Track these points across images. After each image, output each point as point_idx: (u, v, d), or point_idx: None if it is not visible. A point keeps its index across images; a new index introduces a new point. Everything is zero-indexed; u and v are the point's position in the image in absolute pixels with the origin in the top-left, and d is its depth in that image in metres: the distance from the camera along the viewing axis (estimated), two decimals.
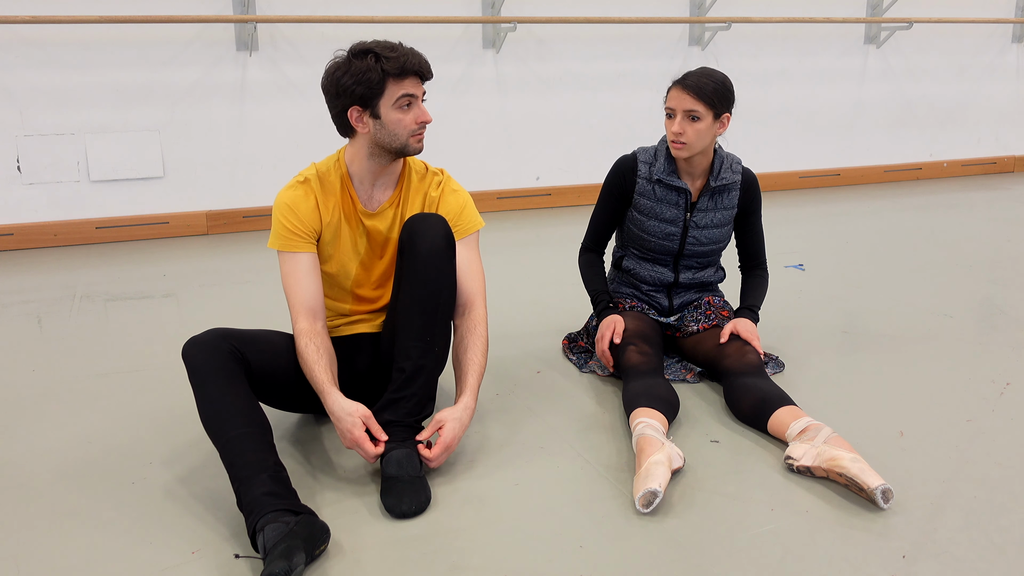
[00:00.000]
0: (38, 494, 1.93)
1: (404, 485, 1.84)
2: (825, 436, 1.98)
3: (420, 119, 2.01)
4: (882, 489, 1.80)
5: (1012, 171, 6.87)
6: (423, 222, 2.02)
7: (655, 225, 2.52)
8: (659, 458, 1.88)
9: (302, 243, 2.07)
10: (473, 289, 2.15)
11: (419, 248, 1.98)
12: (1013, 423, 2.24)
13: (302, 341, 2.01)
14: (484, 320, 2.14)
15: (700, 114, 2.34)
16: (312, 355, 1.99)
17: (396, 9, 4.86)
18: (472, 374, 2.06)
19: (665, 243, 2.53)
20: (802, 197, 5.78)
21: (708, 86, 2.33)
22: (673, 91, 2.38)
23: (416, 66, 1.98)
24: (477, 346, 2.09)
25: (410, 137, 2.02)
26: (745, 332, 2.40)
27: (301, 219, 2.06)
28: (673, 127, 2.37)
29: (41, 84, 4.32)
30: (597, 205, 2.62)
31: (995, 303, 3.28)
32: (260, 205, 4.84)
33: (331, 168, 2.11)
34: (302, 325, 2.03)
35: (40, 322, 3.18)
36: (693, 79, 2.35)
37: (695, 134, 2.36)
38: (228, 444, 1.75)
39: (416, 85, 2.01)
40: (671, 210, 2.50)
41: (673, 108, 2.37)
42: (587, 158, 5.51)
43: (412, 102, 2.01)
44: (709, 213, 2.51)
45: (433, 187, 2.17)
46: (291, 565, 1.54)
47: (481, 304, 2.15)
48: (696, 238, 2.53)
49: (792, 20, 5.59)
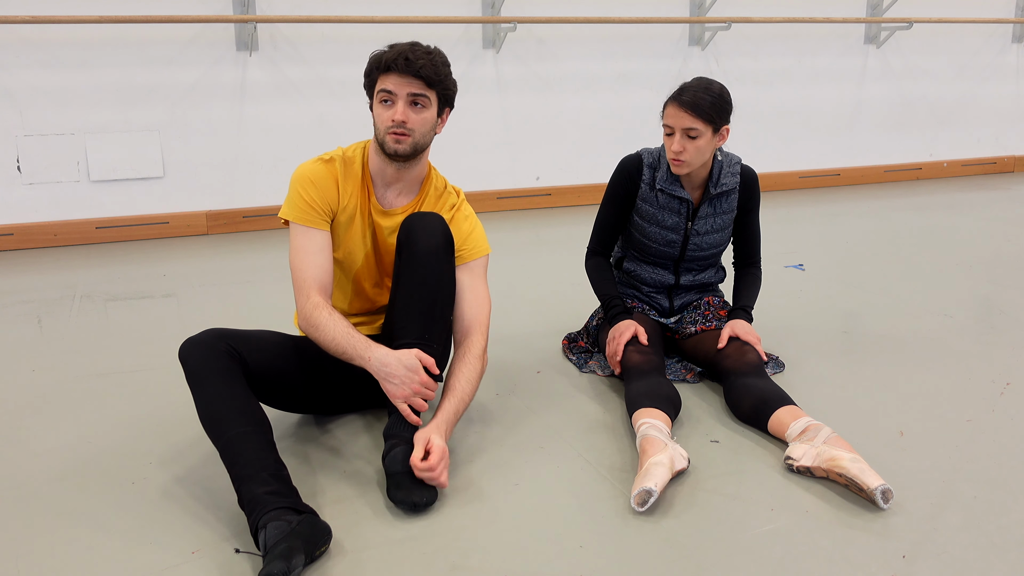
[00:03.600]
0: (38, 494, 1.92)
1: (412, 479, 1.84)
2: (825, 436, 1.98)
3: (393, 117, 1.97)
4: (882, 489, 1.80)
5: (1012, 171, 6.87)
6: (421, 220, 2.02)
7: (656, 232, 2.51)
8: (660, 459, 1.88)
9: (318, 219, 2.04)
10: (472, 316, 2.09)
11: (417, 246, 1.98)
12: (1013, 423, 2.24)
13: (318, 312, 1.94)
14: (479, 350, 2.06)
15: (699, 131, 2.29)
16: (331, 322, 1.92)
17: (396, 9, 4.86)
18: (451, 400, 1.97)
19: (666, 249, 2.53)
20: (802, 197, 5.78)
21: (705, 102, 2.28)
22: (670, 108, 2.32)
23: (394, 62, 1.95)
24: (464, 372, 2.02)
25: (386, 134, 1.99)
26: (744, 334, 2.40)
27: (321, 194, 2.04)
28: (672, 146, 2.32)
29: (41, 84, 4.32)
30: (602, 207, 2.58)
31: (995, 303, 3.28)
32: (260, 205, 4.84)
33: (357, 155, 2.11)
34: (315, 299, 1.97)
35: (40, 322, 3.18)
36: (689, 95, 2.29)
37: (695, 151, 2.32)
38: (228, 443, 1.75)
39: (397, 84, 1.96)
40: (672, 217, 2.49)
41: (671, 126, 2.32)
42: (587, 158, 5.51)
43: (391, 99, 1.98)
44: (710, 219, 2.50)
45: (446, 208, 2.16)
46: (290, 566, 1.54)
47: (479, 333, 2.08)
48: (697, 244, 2.52)
49: (792, 20, 5.59)
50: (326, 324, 1.94)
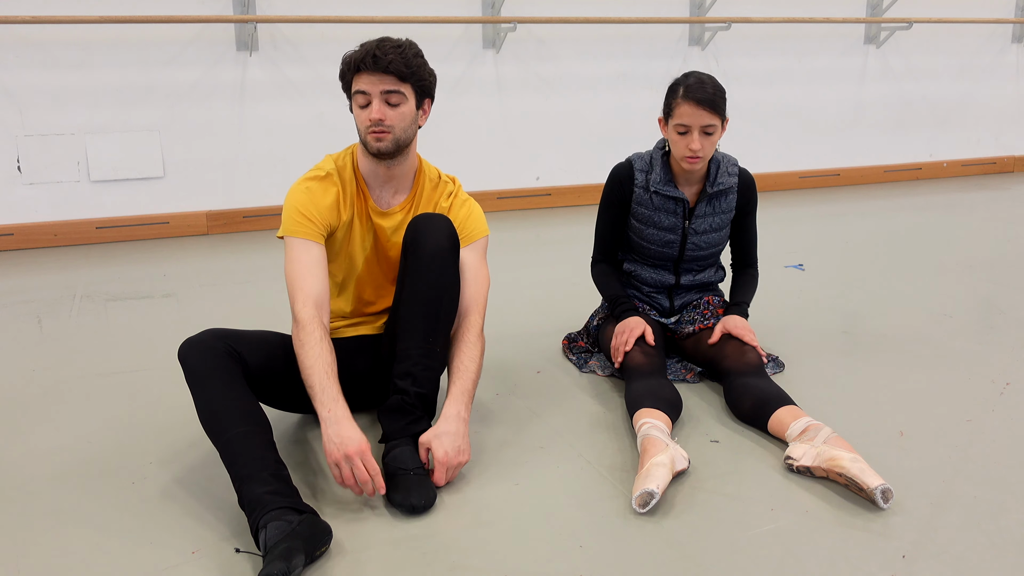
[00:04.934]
0: (38, 494, 1.92)
1: (410, 480, 1.84)
2: (825, 436, 1.98)
3: (370, 116, 1.96)
4: (882, 489, 1.80)
5: (1012, 171, 6.87)
6: (428, 222, 2.01)
7: (654, 233, 2.51)
8: (661, 459, 1.88)
9: (315, 234, 2.03)
10: (471, 295, 2.10)
11: (423, 248, 1.98)
12: (1013, 423, 2.24)
13: (307, 331, 1.90)
14: (478, 329, 2.08)
15: (715, 127, 2.31)
16: (317, 350, 1.88)
17: (396, 9, 4.86)
18: (458, 380, 2.00)
19: (665, 250, 2.53)
20: (802, 197, 5.78)
21: (719, 98, 2.30)
22: (686, 107, 2.29)
23: (363, 61, 1.93)
24: (465, 352, 2.04)
25: (367, 134, 1.99)
26: (736, 329, 2.40)
27: (320, 211, 2.04)
28: (692, 144, 2.31)
29: (41, 84, 4.32)
30: (599, 217, 2.60)
31: (995, 303, 3.28)
32: (260, 205, 4.84)
33: (347, 162, 2.11)
34: (308, 312, 1.93)
35: (40, 322, 3.18)
36: (706, 93, 2.28)
37: (710, 147, 2.34)
38: (228, 444, 1.75)
39: (370, 82, 1.94)
40: (669, 218, 2.49)
41: (688, 125, 2.30)
42: (587, 158, 5.51)
43: (366, 99, 1.97)
44: (707, 219, 2.51)
45: (444, 197, 2.17)
46: (290, 566, 1.53)
47: (477, 313, 2.10)
48: (696, 244, 2.53)
49: (792, 20, 5.59)
50: (306, 342, 1.89)
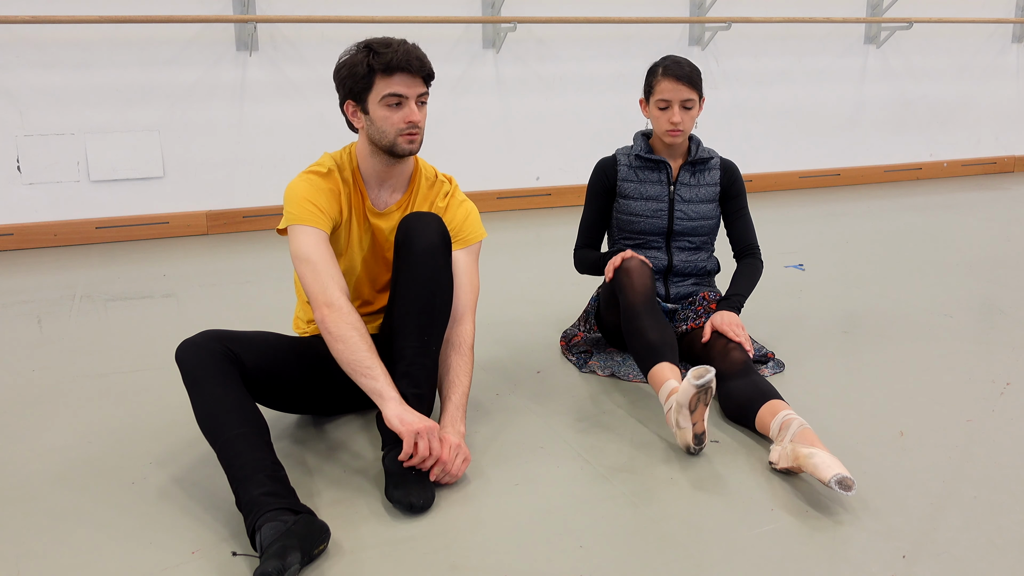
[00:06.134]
0: (38, 494, 1.92)
1: (410, 479, 1.84)
2: (792, 433, 1.96)
3: (407, 119, 1.96)
4: (837, 479, 1.75)
5: (1012, 171, 6.87)
6: (419, 220, 2.01)
7: (641, 204, 2.58)
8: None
9: (324, 222, 2.00)
10: (465, 301, 2.11)
11: (415, 246, 1.97)
12: (1013, 423, 2.24)
13: (350, 315, 1.89)
14: (471, 342, 2.09)
15: (694, 102, 2.49)
16: (364, 334, 1.88)
17: (396, 9, 4.86)
18: (452, 395, 2.00)
19: (654, 220, 2.58)
20: (802, 197, 5.78)
21: (696, 74, 2.48)
22: (666, 83, 2.47)
23: (404, 64, 1.92)
24: (460, 365, 2.04)
25: (398, 136, 1.97)
26: (722, 326, 2.39)
27: (325, 203, 2.02)
28: (673, 117, 2.48)
29: (41, 84, 4.32)
30: (584, 208, 2.69)
31: (995, 303, 3.28)
32: (260, 205, 4.84)
33: (345, 162, 2.10)
34: (342, 298, 1.91)
35: (40, 322, 3.18)
36: (683, 71, 2.46)
37: (690, 121, 2.51)
38: (225, 445, 1.75)
39: (408, 85, 1.95)
40: (654, 187, 2.59)
41: (669, 100, 2.47)
42: (587, 158, 5.50)
43: (401, 101, 1.96)
44: (692, 188, 2.60)
45: (440, 196, 2.16)
46: (284, 564, 1.53)
47: (470, 320, 2.11)
48: (684, 212, 2.58)
49: (792, 20, 5.59)
50: (362, 335, 1.89)
